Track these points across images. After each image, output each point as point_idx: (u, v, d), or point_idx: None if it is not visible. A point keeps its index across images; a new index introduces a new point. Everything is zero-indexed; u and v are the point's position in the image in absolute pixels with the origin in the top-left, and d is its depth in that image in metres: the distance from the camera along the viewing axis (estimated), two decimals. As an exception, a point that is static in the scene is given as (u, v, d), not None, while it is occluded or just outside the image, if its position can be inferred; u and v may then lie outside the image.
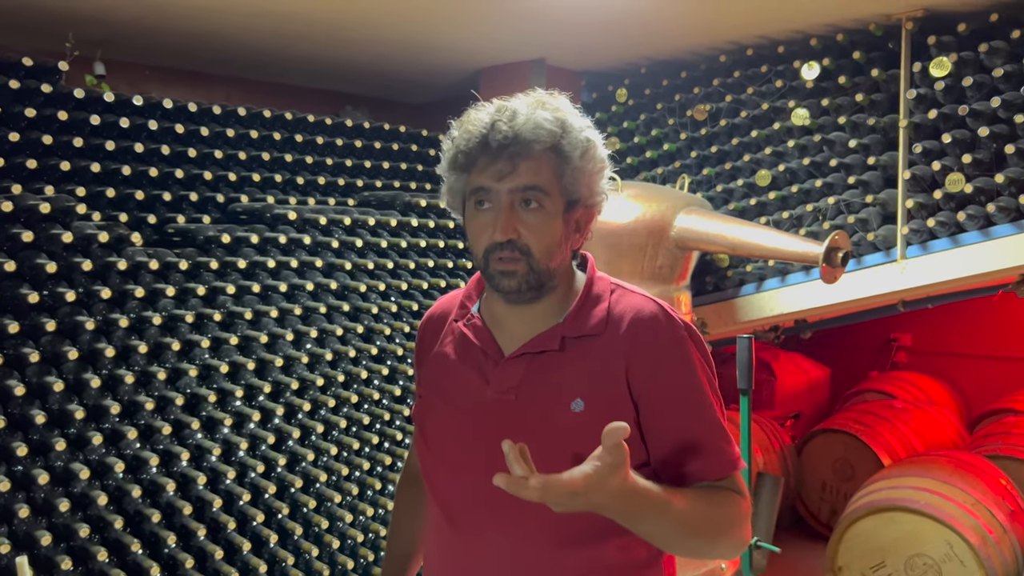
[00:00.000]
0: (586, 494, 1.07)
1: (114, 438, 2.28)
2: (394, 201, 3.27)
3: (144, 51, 3.69)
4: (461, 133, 1.29)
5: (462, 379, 1.38)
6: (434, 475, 1.41)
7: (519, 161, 1.24)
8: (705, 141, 3.73)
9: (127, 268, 2.43)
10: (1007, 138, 2.88)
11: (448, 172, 1.34)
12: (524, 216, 1.26)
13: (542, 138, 1.24)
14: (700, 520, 1.22)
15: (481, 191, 1.27)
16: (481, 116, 1.28)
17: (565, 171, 1.27)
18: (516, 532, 1.30)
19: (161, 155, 2.88)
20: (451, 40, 3.61)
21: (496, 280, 1.29)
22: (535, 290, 1.30)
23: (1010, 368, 5.94)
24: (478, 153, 1.26)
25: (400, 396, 2.93)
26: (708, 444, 1.29)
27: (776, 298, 3.45)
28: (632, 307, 1.33)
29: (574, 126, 1.28)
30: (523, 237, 1.25)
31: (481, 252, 1.29)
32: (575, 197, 1.29)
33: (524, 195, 1.25)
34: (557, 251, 1.29)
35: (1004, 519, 3.69)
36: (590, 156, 1.29)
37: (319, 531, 2.57)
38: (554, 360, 1.31)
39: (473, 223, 1.30)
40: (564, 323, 1.32)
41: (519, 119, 1.25)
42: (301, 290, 2.80)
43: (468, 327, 1.39)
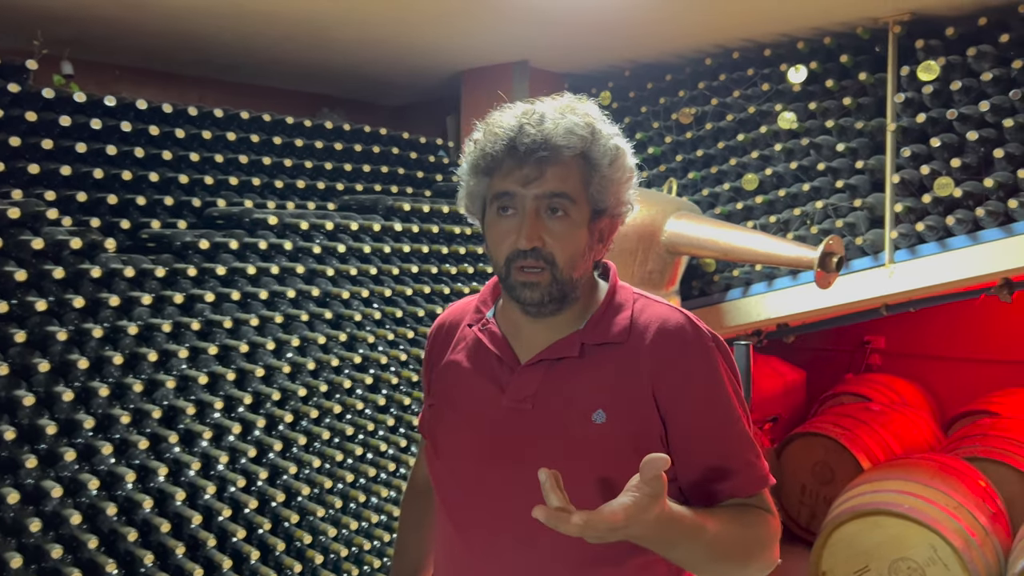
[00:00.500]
0: (626, 527, 1.01)
1: (88, 453, 2.19)
2: (376, 205, 3.20)
3: (115, 51, 3.58)
4: (486, 135, 1.24)
5: (476, 387, 1.32)
6: (446, 488, 1.35)
7: (547, 167, 1.19)
8: (690, 145, 3.71)
9: (101, 275, 2.33)
10: (995, 142, 2.88)
11: (469, 175, 1.28)
12: (549, 224, 1.21)
13: (572, 144, 1.20)
14: (731, 543, 1.18)
15: (505, 196, 1.22)
16: (507, 119, 1.23)
17: (593, 179, 1.22)
18: (534, 550, 1.24)
19: (134, 158, 2.79)
20: (432, 41, 3.55)
21: (517, 291, 1.23)
22: (557, 303, 1.24)
23: (981, 370, 6.00)
24: (504, 156, 1.21)
25: (384, 406, 2.86)
26: (738, 460, 1.24)
27: (763, 303, 3.43)
28: (657, 317, 1.28)
29: (603, 133, 1.24)
30: (548, 246, 1.20)
31: (503, 260, 1.23)
32: (602, 206, 1.24)
33: (550, 202, 1.20)
34: (581, 261, 1.24)
35: (986, 522, 3.71)
36: (619, 165, 1.25)
37: (301, 546, 2.50)
38: (573, 368, 1.26)
39: (495, 229, 1.25)
40: (585, 330, 1.27)
41: (548, 123, 1.20)
42: (282, 297, 2.72)
43: (483, 332, 1.34)
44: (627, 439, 1.21)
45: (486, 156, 1.23)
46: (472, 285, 3.30)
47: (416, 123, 4.12)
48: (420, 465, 1.57)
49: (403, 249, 3.11)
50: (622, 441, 1.21)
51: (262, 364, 2.56)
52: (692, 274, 3.59)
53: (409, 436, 2.89)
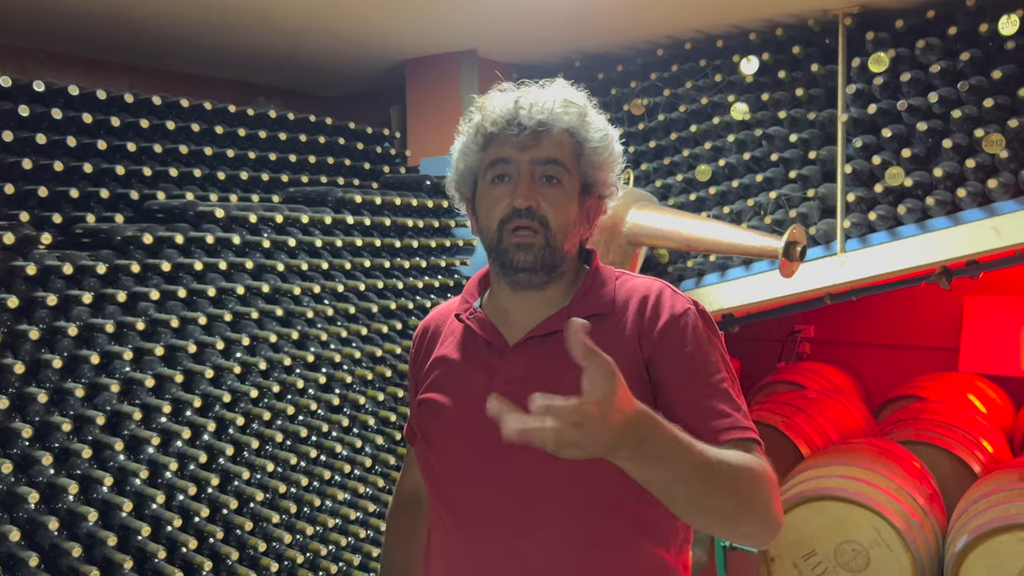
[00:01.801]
0: (594, 410, 0.95)
1: (25, 464, 2.05)
2: (325, 197, 3.09)
3: (37, 34, 3.36)
4: (483, 113, 1.29)
5: (466, 376, 1.31)
6: (442, 481, 1.32)
7: (543, 135, 1.25)
8: (642, 136, 3.70)
9: (36, 273, 2.18)
10: (943, 133, 2.95)
11: (462, 154, 1.31)
12: (543, 190, 1.25)
13: (569, 115, 1.26)
14: (725, 473, 1.09)
15: (500, 162, 1.26)
16: (505, 96, 1.29)
17: (584, 153, 1.27)
18: (534, 535, 1.22)
19: (66, 147, 2.61)
20: (375, 29, 3.45)
21: (511, 255, 1.25)
22: (548, 270, 1.26)
23: (906, 356, 6.22)
24: (503, 128, 1.25)
25: (338, 406, 2.76)
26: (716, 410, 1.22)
27: (715, 293, 3.45)
28: (639, 287, 1.31)
29: (594, 115, 1.31)
30: (542, 208, 1.24)
31: (496, 224, 1.26)
32: (591, 181, 1.29)
33: (545, 169, 1.25)
34: (572, 232, 1.27)
35: (924, 503, 3.82)
36: (608, 145, 1.30)
37: (255, 554, 2.40)
38: (562, 344, 1.21)
39: (487, 197, 1.28)
40: (571, 305, 1.29)
41: (544, 97, 1.27)
42: (230, 294, 2.60)
43: (472, 320, 1.34)
44: None
45: (483, 130, 1.28)
46: (424, 279, 3.23)
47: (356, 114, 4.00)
48: (406, 478, 1.54)
49: (355, 243, 3.01)
50: None
51: (211, 365, 2.45)
52: (646, 265, 3.58)
53: (364, 436, 2.81)
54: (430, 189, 3.40)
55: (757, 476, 1.13)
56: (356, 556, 2.67)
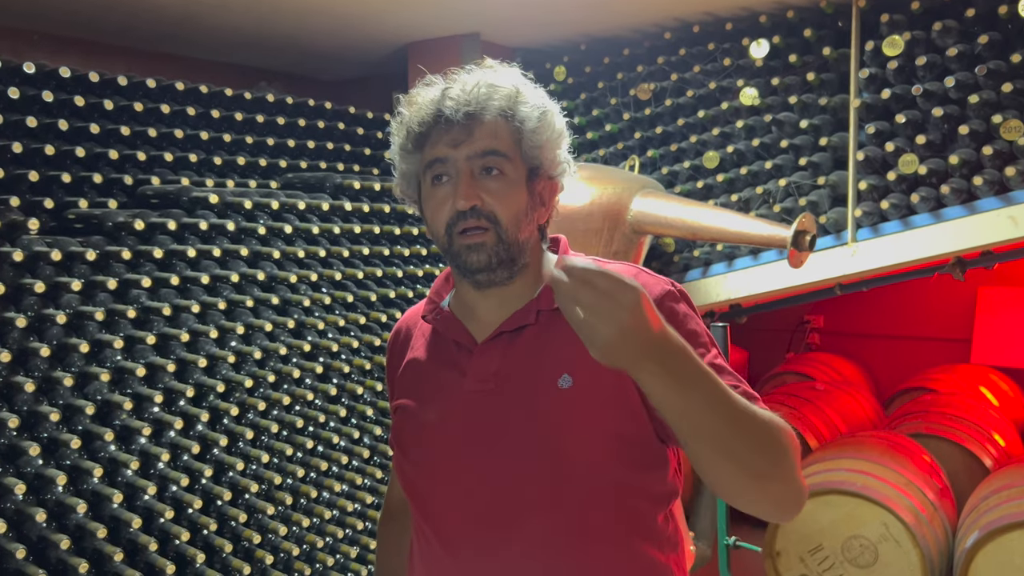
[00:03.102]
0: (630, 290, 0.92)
1: (12, 455, 2.02)
2: (323, 183, 3.03)
3: (33, 15, 3.31)
4: (411, 110, 1.21)
5: (437, 378, 1.26)
6: (419, 490, 1.27)
7: (475, 126, 1.18)
8: (649, 122, 3.63)
9: (23, 259, 2.14)
10: (959, 119, 2.87)
11: (400, 155, 1.24)
12: (486, 183, 1.17)
13: (497, 101, 1.19)
14: (756, 417, 1.00)
15: (437, 163, 1.18)
16: (430, 90, 1.22)
17: (523, 136, 1.19)
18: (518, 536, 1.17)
19: (58, 131, 2.56)
20: (377, 11, 3.38)
21: (463, 257, 1.18)
22: (506, 266, 1.19)
23: (916, 347, 6.15)
24: (431, 125, 1.18)
25: (335, 396, 2.72)
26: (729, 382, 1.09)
27: (722, 283, 3.39)
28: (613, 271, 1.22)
29: (527, 92, 1.23)
30: (487, 204, 1.16)
31: (443, 228, 1.19)
32: (536, 163, 1.21)
33: (484, 161, 1.18)
34: (524, 221, 1.20)
35: (934, 497, 3.77)
36: (547, 122, 1.22)
37: (250, 546, 2.38)
38: (533, 338, 1.21)
39: (431, 201, 1.20)
40: (540, 296, 1.22)
41: (470, 85, 1.20)
42: (225, 282, 2.55)
43: (438, 320, 1.28)
44: (597, 401, 1.16)
45: (413, 130, 1.21)
46: (425, 267, 3.17)
47: (359, 99, 3.94)
48: (394, 486, 1.49)
49: (353, 230, 2.96)
50: (591, 403, 1.16)
51: (204, 354, 2.40)
52: (651, 254, 3.52)
53: (362, 427, 2.77)
54: (432, 175, 3.33)
55: (785, 432, 1.04)
56: (353, 548, 2.64)
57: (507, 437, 1.17)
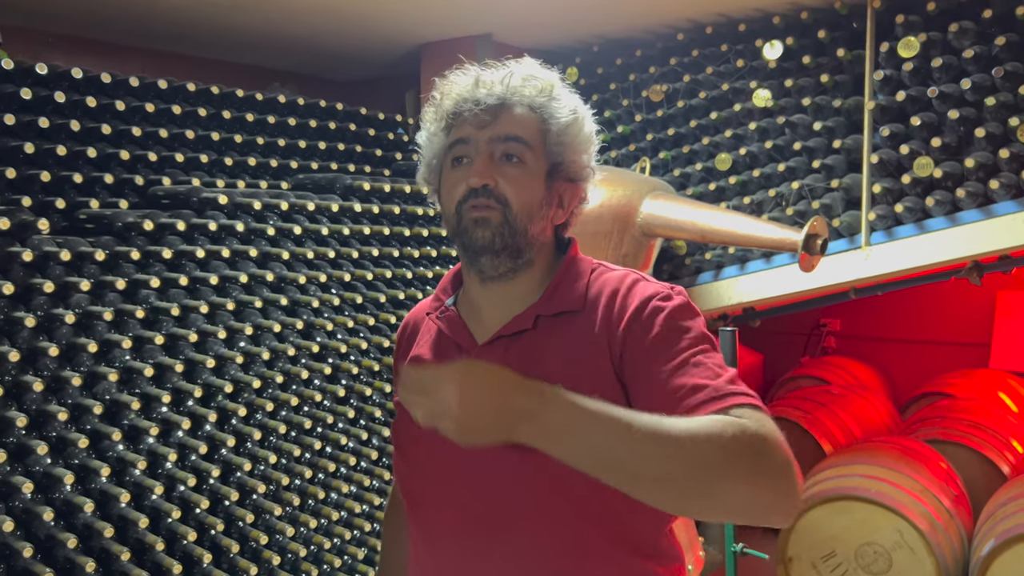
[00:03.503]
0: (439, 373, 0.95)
1: (20, 454, 2.02)
2: (333, 184, 3.03)
3: (48, 16, 3.34)
4: (444, 94, 1.22)
5: None
6: (411, 489, 1.26)
7: (502, 112, 1.18)
8: (661, 123, 3.61)
9: (33, 259, 2.14)
10: (976, 121, 2.84)
11: (427, 139, 1.24)
12: (504, 168, 1.17)
13: (529, 92, 1.19)
14: (671, 440, 0.93)
15: (459, 143, 1.18)
16: (465, 76, 1.22)
17: (550, 131, 1.19)
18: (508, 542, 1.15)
19: (70, 131, 2.57)
20: (390, 11, 3.39)
21: (469, 232, 1.16)
22: (511, 253, 1.17)
23: (934, 352, 6.08)
24: (461, 107, 1.19)
25: (343, 397, 2.72)
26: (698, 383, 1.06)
27: (734, 286, 3.37)
28: (611, 280, 1.22)
29: (563, 92, 1.23)
30: (500, 187, 1.16)
31: (454, 205, 1.18)
32: (558, 160, 1.20)
33: (505, 147, 1.17)
34: (537, 214, 1.18)
35: (949, 504, 3.72)
36: (577, 125, 1.22)
37: (257, 547, 2.37)
38: (531, 344, 1.19)
39: (447, 181, 1.20)
40: (540, 302, 1.21)
41: (505, 73, 1.21)
42: (234, 282, 2.55)
43: (442, 320, 1.27)
44: None
45: (443, 112, 1.22)
46: (435, 269, 3.16)
47: (372, 99, 3.95)
48: None
49: (363, 231, 2.96)
50: None
51: (213, 354, 2.40)
52: (662, 257, 3.51)
53: (371, 428, 2.76)
54: (442, 177, 3.33)
55: (731, 436, 0.94)
56: (361, 550, 2.63)
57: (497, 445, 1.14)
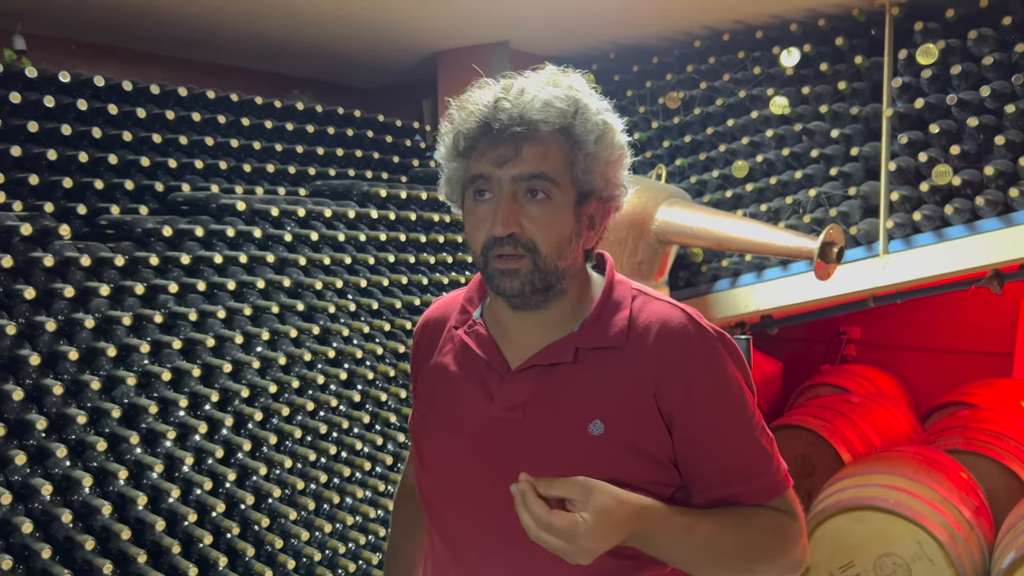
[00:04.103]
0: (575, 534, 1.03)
1: (40, 456, 2.04)
2: (350, 191, 3.05)
3: (70, 25, 3.39)
4: (461, 114, 1.13)
5: (463, 395, 1.22)
6: (432, 502, 1.26)
7: (523, 145, 1.10)
8: (678, 130, 3.60)
9: (54, 264, 2.17)
10: (995, 129, 2.81)
11: (447, 159, 1.17)
12: (528, 208, 1.10)
13: (551, 118, 1.09)
14: (732, 542, 1.13)
15: (480, 179, 1.12)
16: (484, 95, 1.13)
17: (577, 158, 1.12)
18: (528, 568, 1.15)
19: (92, 138, 2.61)
20: (408, 19, 3.41)
21: (496, 281, 1.13)
22: (541, 293, 1.14)
23: (956, 361, 6.01)
24: (478, 136, 1.11)
25: (359, 402, 2.73)
26: (749, 469, 1.15)
27: (751, 294, 3.35)
28: (658, 316, 1.17)
29: (589, 107, 1.13)
30: (527, 232, 1.10)
31: (479, 248, 1.13)
32: (588, 188, 1.13)
33: (529, 184, 1.10)
34: (567, 249, 1.13)
35: (970, 516, 3.68)
36: (607, 142, 1.14)
37: (272, 551, 2.37)
38: (568, 375, 1.15)
39: (471, 216, 1.14)
40: (579, 332, 1.16)
41: (526, 97, 1.11)
42: (251, 288, 2.57)
43: (470, 335, 1.23)
44: (626, 451, 1.12)
45: (460, 136, 1.14)
46: (451, 275, 3.18)
47: (390, 106, 3.98)
48: (410, 466, 1.46)
49: (379, 237, 2.97)
50: (620, 453, 1.12)
51: (230, 359, 2.42)
52: (679, 264, 3.50)
53: (385, 434, 2.77)
54: (459, 183, 3.34)
55: (768, 538, 1.15)
56: (375, 555, 2.64)
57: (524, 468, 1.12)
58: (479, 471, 1.17)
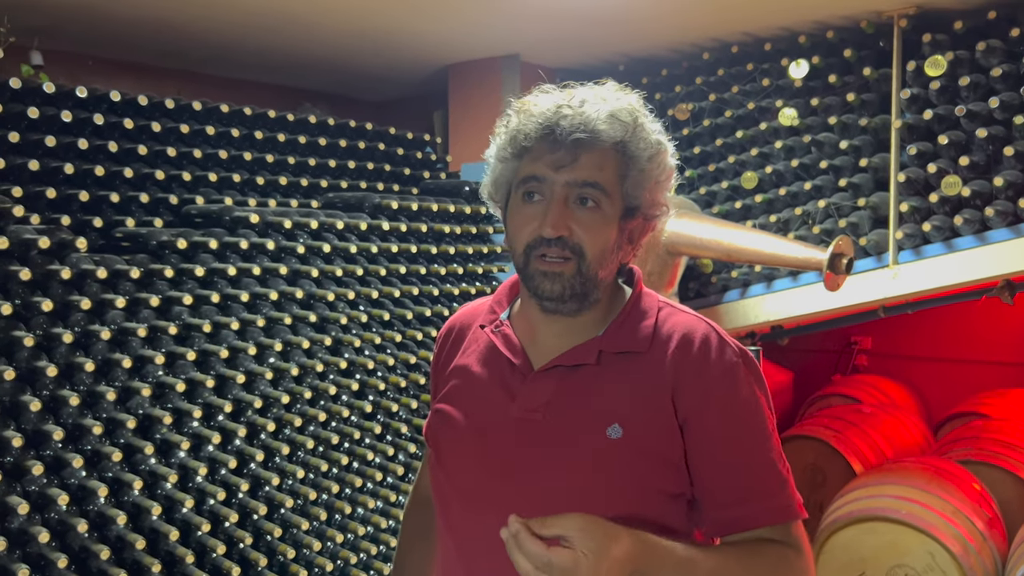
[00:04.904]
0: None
1: (56, 466, 2.07)
2: (362, 203, 3.08)
3: (86, 40, 3.44)
4: (520, 116, 1.16)
5: (484, 394, 1.23)
6: (447, 502, 1.26)
7: (582, 153, 1.12)
8: (687, 142, 3.62)
9: (71, 277, 2.20)
10: (1004, 140, 2.81)
11: (497, 160, 1.20)
12: (578, 214, 1.13)
13: (614, 130, 1.12)
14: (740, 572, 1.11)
15: (533, 180, 1.14)
16: (545, 100, 1.16)
17: (630, 173, 1.14)
18: None
19: (108, 152, 2.64)
20: (419, 33, 3.44)
21: (536, 282, 1.15)
22: (578, 300, 1.16)
23: (968, 371, 5.97)
24: (537, 139, 1.13)
25: (371, 413, 2.75)
26: (760, 488, 1.15)
27: (761, 305, 3.35)
28: (682, 326, 1.19)
29: (646, 126, 1.17)
30: (575, 236, 1.13)
31: (522, 247, 1.15)
32: (635, 203, 1.16)
33: (582, 191, 1.13)
34: (609, 259, 1.16)
35: (983, 527, 3.66)
36: (659, 162, 1.16)
37: (284, 560, 2.39)
38: (590, 377, 1.17)
39: (517, 216, 1.16)
40: (604, 336, 1.18)
41: (588, 107, 1.13)
42: (264, 299, 2.60)
43: (496, 335, 1.25)
44: (643, 456, 1.13)
45: (518, 138, 1.15)
46: (462, 286, 3.20)
47: (401, 119, 4.01)
48: (424, 474, 1.47)
49: (391, 249, 3.00)
50: (637, 458, 1.13)
51: (243, 370, 2.45)
52: (688, 275, 3.50)
53: (397, 444, 2.78)
54: (469, 195, 3.37)
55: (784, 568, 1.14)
56: (387, 565, 2.64)
57: (544, 473, 1.15)
58: (496, 469, 1.18)
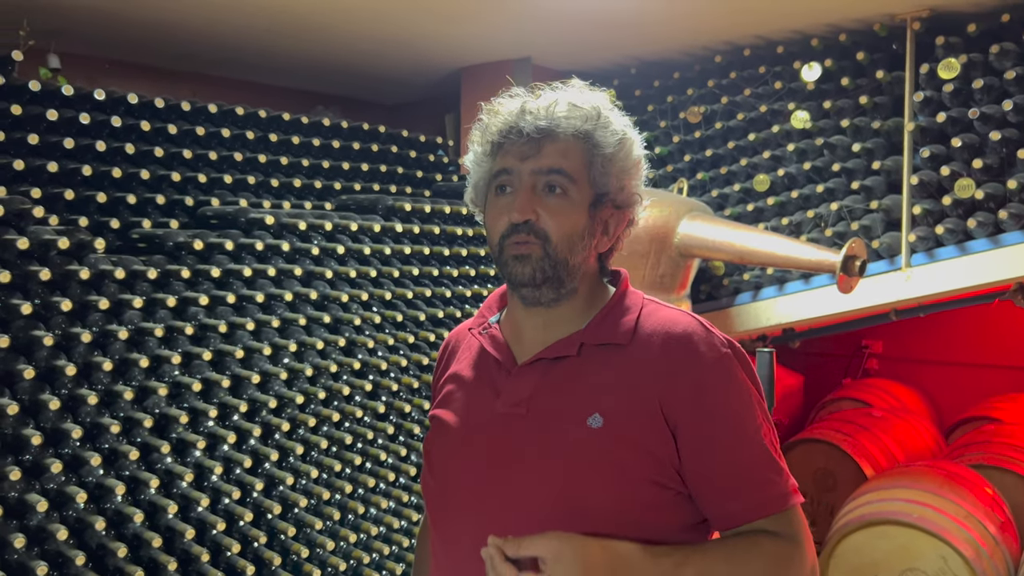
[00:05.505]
0: None
1: (75, 465, 2.09)
2: (375, 205, 3.10)
3: (103, 44, 3.47)
4: (490, 119, 1.21)
5: (472, 394, 1.25)
6: (438, 508, 1.26)
7: (546, 143, 1.17)
8: (699, 144, 3.62)
9: (89, 277, 2.22)
10: (1018, 143, 2.81)
11: (475, 164, 1.24)
12: (546, 200, 1.17)
13: (573, 119, 1.17)
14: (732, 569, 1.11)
15: (503, 174, 1.19)
16: (512, 102, 1.21)
17: (596, 160, 1.18)
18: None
19: (125, 154, 2.68)
20: (432, 36, 3.46)
21: (510, 267, 1.18)
22: (552, 284, 1.18)
23: (980, 375, 5.94)
24: (505, 135, 1.18)
25: (383, 413, 2.76)
26: (754, 477, 1.14)
27: (773, 307, 3.35)
28: (666, 321, 1.20)
29: (610, 118, 1.21)
30: (541, 220, 1.16)
31: (497, 239, 1.19)
32: (603, 190, 1.19)
33: (548, 179, 1.17)
34: (579, 244, 1.18)
35: (995, 531, 3.64)
36: (625, 150, 1.20)
37: (298, 560, 2.40)
38: (572, 370, 1.19)
39: (492, 209, 1.21)
40: (586, 330, 1.20)
41: (550, 102, 1.19)
42: (279, 300, 2.62)
43: (484, 336, 1.28)
44: (625, 445, 1.13)
45: (488, 137, 1.21)
46: (473, 288, 3.21)
47: (413, 122, 4.03)
48: None
49: (404, 251, 3.01)
50: (619, 447, 1.13)
51: (258, 370, 2.46)
52: (700, 277, 3.50)
53: (409, 445, 2.79)
54: (481, 197, 3.38)
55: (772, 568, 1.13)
56: (399, 565, 2.65)
57: (525, 465, 1.15)
58: (483, 467, 1.19)
